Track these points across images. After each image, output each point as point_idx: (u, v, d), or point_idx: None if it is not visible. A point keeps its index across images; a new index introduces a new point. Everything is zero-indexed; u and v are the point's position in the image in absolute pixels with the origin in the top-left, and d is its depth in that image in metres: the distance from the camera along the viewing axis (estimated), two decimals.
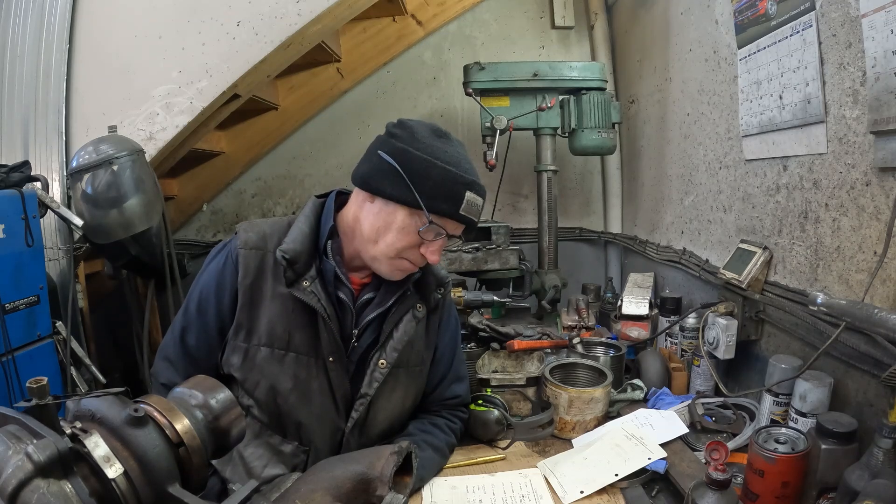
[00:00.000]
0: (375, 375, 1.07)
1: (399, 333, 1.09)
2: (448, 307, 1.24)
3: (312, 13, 1.77)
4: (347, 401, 1.08)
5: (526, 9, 2.72)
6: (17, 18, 1.83)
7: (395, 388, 1.12)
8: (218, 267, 1.07)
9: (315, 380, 1.06)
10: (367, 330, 1.09)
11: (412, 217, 1.00)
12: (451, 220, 1.01)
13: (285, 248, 1.02)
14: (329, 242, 1.07)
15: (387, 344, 1.09)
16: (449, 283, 1.19)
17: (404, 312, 1.10)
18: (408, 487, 0.99)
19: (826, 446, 0.95)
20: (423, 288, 1.14)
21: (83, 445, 0.59)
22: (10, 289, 1.40)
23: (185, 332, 1.07)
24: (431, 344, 1.19)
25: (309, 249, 1.05)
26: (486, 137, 2.09)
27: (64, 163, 1.81)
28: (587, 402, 1.29)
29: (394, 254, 1.02)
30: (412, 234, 1.01)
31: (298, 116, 2.61)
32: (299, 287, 1.02)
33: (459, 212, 1.00)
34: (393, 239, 1.01)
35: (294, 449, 1.07)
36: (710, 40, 1.68)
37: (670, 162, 2.09)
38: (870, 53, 1.00)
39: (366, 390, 1.07)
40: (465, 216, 1.01)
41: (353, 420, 1.08)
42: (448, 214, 1.00)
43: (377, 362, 1.08)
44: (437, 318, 1.19)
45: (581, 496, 1.05)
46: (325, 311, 1.02)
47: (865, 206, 1.08)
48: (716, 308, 1.48)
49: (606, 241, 2.81)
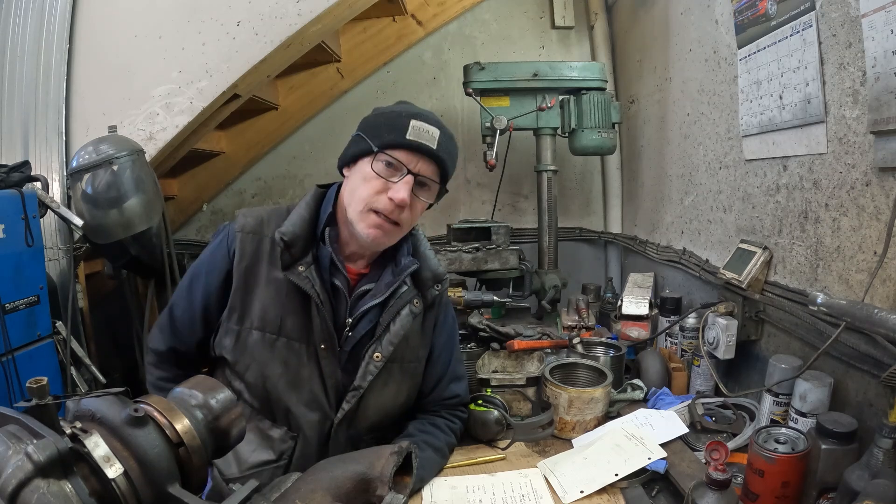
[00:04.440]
0: (370, 368, 1.08)
1: (396, 327, 1.10)
2: (445, 306, 1.24)
3: (312, 13, 1.77)
4: (338, 391, 1.08)
5: (526, 9, 2.73)
6: (17, 18, 1.83)
7: (388, 382, 1.12)
8: (213, 248, 1.11)
9: (305, 367, 1.06)
10: (362, 321, 1.10)
11: (370, 163, 1.03)
12: (399, 149, 1.01)
13: (284, 230, 1.04)
14: (327, 230, 1.09)
15: (383, 337, 1.09)
16: (447, 280, 1.19)
17: (402, 306, 1.11)
18: (408, 487, 0.99)
19: (826, 446, 0.94)
20: (420, 283, 1.15)
21: (83, 445, 0.59)
22: (10, 289, 1.40)
23: (174, 304, 1.12)
24: (427, 341, 1.19)
25: (307, 235, 1.07)
26: (486, 137, 2.09)
27: (64, 163, 1.81)
28: (587, 402, 1.29)
29: (363, 206, 1.03)
30: (374, 179, 1.02)
31: (298, 116, 2.61)
32: (294, 271, 1.03)
33: (406, 137, 1.01)
34: (361, 191, 1.03)
35: (283, 434, 1.07)
36: (710, 40, 1.68)
37: (670, 162, 2.09)
38: (870, 53, 1.00)
39: (359, 383, 1.08)
40: (413, 140, 1.01)
41: (344, 412, 1.08)
42: (395, 143, 1.01)
43: (372, 355, 1.08)
44: (433, 316, 1.19)
45: (581, 496, 1.05)
46: (319, 296, 1.03)
47: (865, 206, 1.08)
48: (716, 308, 1.48)
49: (606, 241, 2.81)
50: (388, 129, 1.02)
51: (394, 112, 1.06)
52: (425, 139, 1.02)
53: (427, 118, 1.04)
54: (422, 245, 1.18)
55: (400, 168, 1.02)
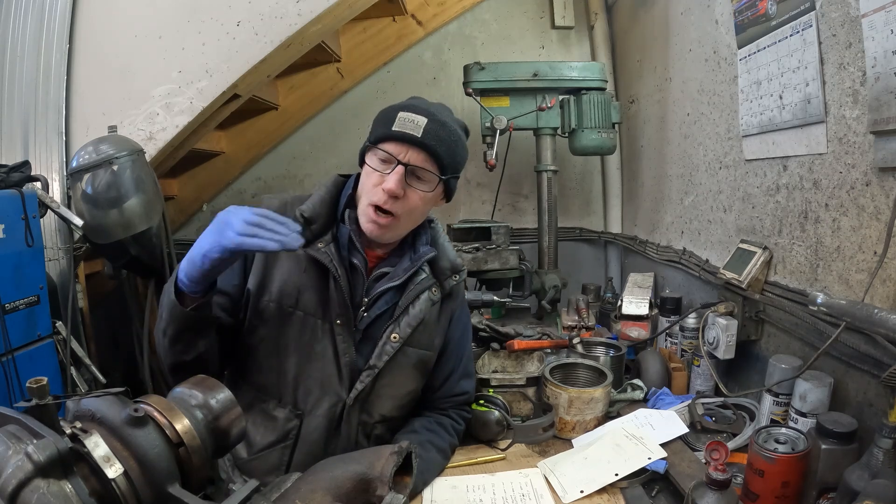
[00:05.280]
0: (386, 349, 1.09)
1: (415, 310, 1.11)
2: (462, 302, 1.26)
3: (312, 13, 1.77)
4: (352, 370, 1.09)
5: (526, 9, 2.73)
6: (17, 18, 1.83)
7: (403, 366, 1.13)
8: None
9: (319, 343, 1.07)
10: (379, 301, 1.11)
11: (368, 158, 1.07)
12: (387, 141, 1.04)
13: (304, 207, 1.07)
14: (347, 211, 1.11)
15: (401, 319, 1.10)
16: (464, 271, 1.21)
17: (421, 291, 1.12)
18: (408, 487, 0.98)
19: (826, 446, 0.94)
20: (438, 272, 1.16)
21: (83, 445, 0.59)
22: (10, 289, 1.40)
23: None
24: (442, 331, 1.20)
25: (327, 214, 1.10)
26: (486, 137, 2.09)
27: (64, 163, 1.81)
28: (587, 402, 1.29)
29: (366, 200, 1.05)
30: (372, 173, 1.05)
31: (298, 116, 2.61)
32: (314, 247, 1.06)
33: (392, 129, 1.03)
34: (365, 186, 1.07)
35: (287, 414, 1.08)
36: (710, 40, 1.68)
37: (670, 162, 2.09)
38: (870, 53, 1.00)
39: (374, 362, 1.08)
40: (397, 131, 1.03)
41: (357, 391, 1.08)
42: (384, 136, 1.04)
43: (390, 335, 1.09)
44: (450, 308, 1.20)
45: (581, 496, 1.05)
46: (337, 270, 1.05)
47: (865, 206, 1.08)
48: (716, 308, 1.48)
49: (606, 241, 2.81)
50: (381, 123, 1.06)
51: (391, 107, 1.08)
52: (410, 129, 1.03)
53: (416, 109, 1.05)
54: (440, 237, 1.21)
55: (391, 160, 1.03)
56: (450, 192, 1.14)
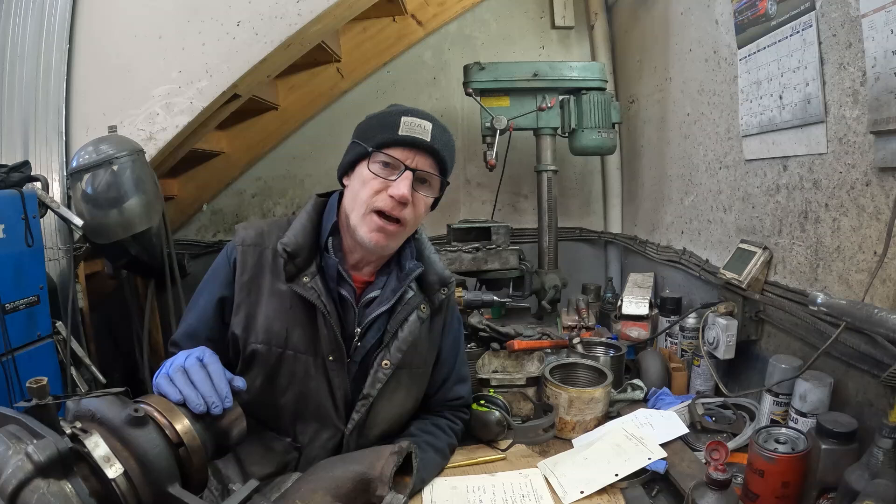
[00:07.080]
0: (378, 376, 1.06)
1: (404, 333, 1.08)
2: (451, 308, 1.23)
3: (312, 13, 1.77)
4: (348, 402, 1.07)
5: (526, 9, 2.72)
6: (17, 18, 1.82)
7: (397, 389, 1.11)
8: (215, 264, 1.10)
9: (313, 380, 1.05)
10: (371, 329, 1.08)
11: (367, 165, 1.02)
12: (394, 146, 1.00)
13: (286, 240, 1.02)
14: (331, 239, 1.07)
15: (391, 344, 1.07)
16: (453, 283, 1.18)
17: (409, 312, 1.09)
18: (408, 488, 0.99)
19: (826, 446, 0.94)
20: (426, 287, 1.13)
21: (83, 445, 0.59)
22: (10, 289, 1.40)
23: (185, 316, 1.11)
24: (434, 345, 1.18)
25: (310, 244, 1.05)
26: (486, 137, 2.09)
27: (64, 163, 1.81)
28: (587, 402, 1.29)
29: (364, 208, 1.01)
30: (372, 180, 1.01)
31: (298, 116, 2.61)
32: (299, 282, 1.02)
33: (398, 134, 1.00)
34: (361, 195, 1.01)
35: (286, 446, 1.06)
36: (710, 40, 1.68)
37: (670, 162, 2.09)
38: (870, 53, 1.00)
39: (368, 391, 1.06)
40: (406, 136, 1.00)
41: (354, 422, 1.06)
42: (389, 141, 1.00)
43: (380, 363, 1.06)
44: (440, 320, 1.18)
45: (581, 496, 1.05)
46: (325, 307, 1.01)
47: (865, 206, 1.08)
48: (716, 308, 1.48)
49: (606, 241, 2.81)
50: (381, 128, 1.02)
51: (384, 113, 1.06)
52: (418, 133, 1.01)
53: (417, 113, 1.03)
54: (426, 249, 1.16)
55: (397, 165, 1.01)
56: (438, 199, 1.12)
